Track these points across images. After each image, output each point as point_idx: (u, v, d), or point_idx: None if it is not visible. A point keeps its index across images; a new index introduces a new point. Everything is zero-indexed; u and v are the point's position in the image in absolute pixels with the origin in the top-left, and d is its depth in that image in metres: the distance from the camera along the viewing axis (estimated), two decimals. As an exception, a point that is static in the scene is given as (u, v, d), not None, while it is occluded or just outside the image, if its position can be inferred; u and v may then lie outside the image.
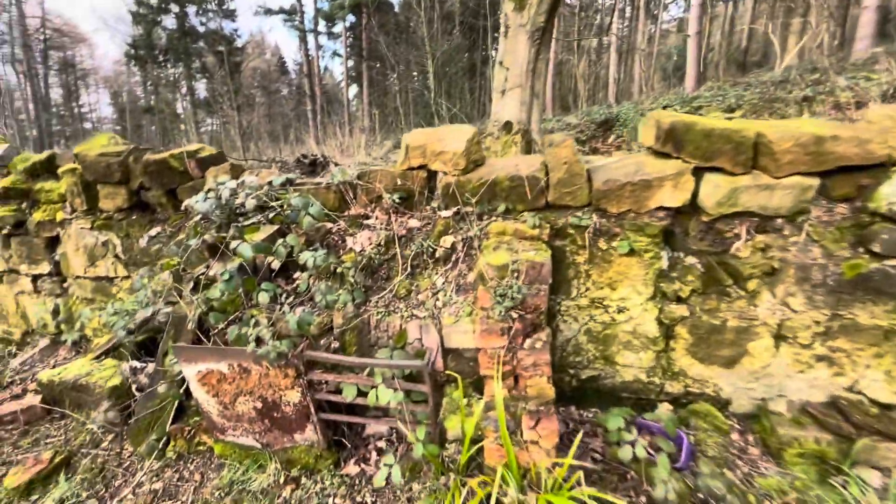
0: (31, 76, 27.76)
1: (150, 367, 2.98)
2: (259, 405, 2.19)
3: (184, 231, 3.00)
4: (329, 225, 2.73)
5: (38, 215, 3.60)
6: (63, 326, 3.70)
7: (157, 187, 3.21)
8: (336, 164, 6.28)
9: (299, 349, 1.99)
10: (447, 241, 2.45)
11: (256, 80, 35.84)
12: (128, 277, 3.46)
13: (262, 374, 2.10)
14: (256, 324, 2.40)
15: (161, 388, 2.43)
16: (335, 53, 28.97)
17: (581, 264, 2.46)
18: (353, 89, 30.15)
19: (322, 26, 27.31)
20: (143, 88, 31.31)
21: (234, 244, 2.29)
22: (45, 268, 3.67)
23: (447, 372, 2.28)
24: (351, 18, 25.89)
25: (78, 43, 32.76)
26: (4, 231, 3.68)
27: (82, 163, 3.29)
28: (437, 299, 2.34)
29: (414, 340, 2.27)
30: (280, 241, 2.44)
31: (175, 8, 27.35)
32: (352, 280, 2.42)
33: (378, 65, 28.33)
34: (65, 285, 3.69)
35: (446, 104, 20.72)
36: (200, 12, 27.44)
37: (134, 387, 2.83)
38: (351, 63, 28.57)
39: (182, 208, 2.83)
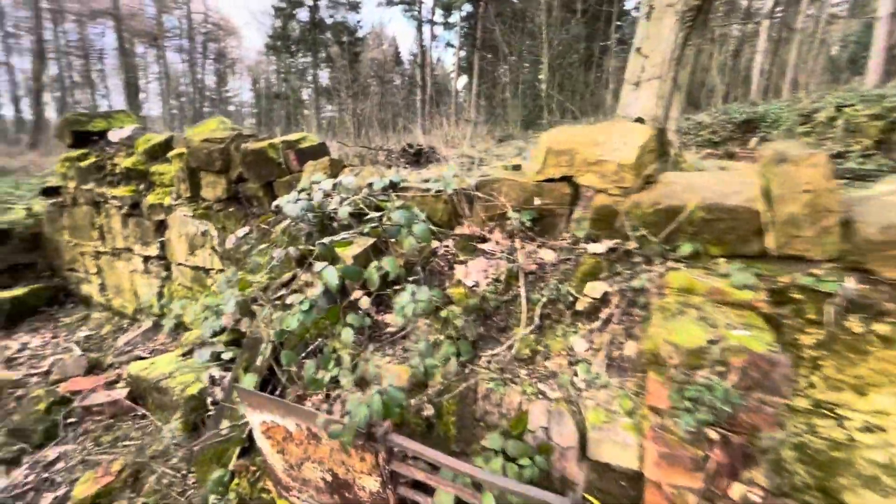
0: (192, 64, 31.61)
1: (228, 378, 2.67)
2: (329, 478, 1.69)
3: (273, 233, 2.62)
4: (434, 244, 2.13)
5: (150, 198, 3.52)
6: (164, 310, 3.63)
7: (255, 179, 2.88)
8: (440, 158, 5.70)
9: (382, 431, 1.43)
10: (596, 288, 1.70)
11: (373, 69, 37.21)
12: (222, 271, 3.23)
13: (333, 448, 1.58)
14: (338, 362, 1.89)
15: (224, 428, 2.04)
16: (448, 44, 28.80)
17: (806, 347, 1.56)
18: (463, 80, 29.80)
19: (439, 16, 27.19)
20: (277, 76, 34.13)
21: (318, 266, 1.78)
22: (153, 250, 3.61)
23: (588, 497, 1.55)
24: (468, 8, 25.38)
25: (230, 35, 36.59)
26: (124, 210, 3.68)
27: (188, 148, 3.08)
28: (576, 373, 1.61)
29: (538, 429, 1.57)
30: (374, 264, 1.88)
31: (309, 1, 29.12)
32: (458, 325, 1.79)
33: (489, 55, 27.58)
34: (169, 270, 3.60)
35: (558, 97, 19.39)
36: (330, 5, 28.92)
37: (209, 400, 2.54)
38: (462, 53, 28.19)
39: (273, 207, 2.44)
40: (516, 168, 2.31)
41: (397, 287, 1.91)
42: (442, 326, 1.84)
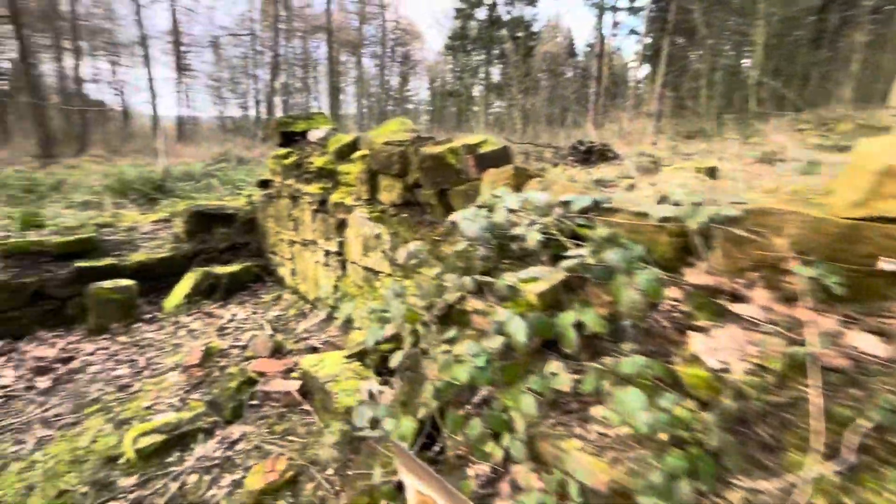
0: (381, 67, 35.27)
1: (387, 395, 2.52)
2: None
3: (445, 248, 2.34)
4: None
5: (335, 196, 3.66)
6: (337, 305, 3.76)
7: (429, 185, 2.66)
8: (614, 156, 4.84)
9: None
10: None
11: (545, 63, 36.20)
12: (390, 276, 3.14)
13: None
14: (509, 427, 1.49)
15: (374, 474, 1.82)
16: (632, 31, 26.14)
17: None
18: (644, 70, 26.80)
19: (624, 1, 24.84)
20: (452, 74, 35.84)
21: (500, 314, 1.38)
22: (333, 246, 3.75)
23: None
24: (660, -12, 22.54)
25: (415, 39, 39.74)
26: (314, 206, 3.92)
27: (369, 150, 3.04)
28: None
29: None
30: (570, 316, 1.40)
31: (488, 0, 29.58)
32: (689, 423, 1.19)
33: (681, 40, 24.15)
34: (344, 267, 3.70)
35: (773, 83, 15.85)
36: (508, 1, 28.92)
37: (367, 415, 2.42)
38: (647, 40, 25.28)
39: (448, 221, 2.16)
40: (710, 171, 1.57)
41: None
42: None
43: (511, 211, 1.81)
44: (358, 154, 3.28)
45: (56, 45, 24.33)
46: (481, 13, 30.03)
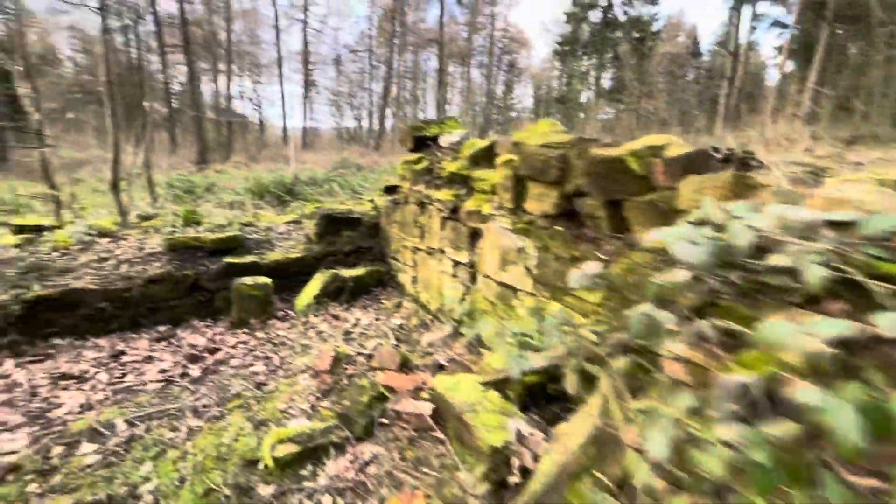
0: (488, 76, 35.42)
1: (540, 439, 2.15)
2: None
3: (624, 269, 1.90)
4: None
5: (468, 204, 3.41)
6: (465, 319, 3.50)
7: (597, 194, 2.24)
8: (758, 165, 3.94)
9: None
10: None
11: (664, 65, 33.35)
12: (532, 295, 2.78)
13: None
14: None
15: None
16: (777, 23, 22.87)
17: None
18: (788, 66, 23.25)
19: (769, -11, 21.89)
20: (559, 81, 34.72)
21: (805, 394, 0.93)
22: (463, 256, 3.51)
23: None
24: (818, -30, 19.38)
25: (522, 47, 39.30)
26: (443, 213, 3.72)
27: (519, 154, 2.72)
28: None
29: None
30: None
31: (603, 1, 28.12)
32: None
33: (843, 28, 20.56)
34: (475, 279, 3.42)
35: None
36: (626, 1, 27.19)
37: (515, 462, 2.07)
38: (793, 32, 21.90)
39: (646, 241, 1.72)
40: None
41: None
42: None
43: (756, 235, 1.33)
44: (501, 159, 2.98)
45: (213, 69, 28.37)
46: (595, 15, 28.64)
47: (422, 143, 4.37)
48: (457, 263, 3.66)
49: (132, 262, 4.34)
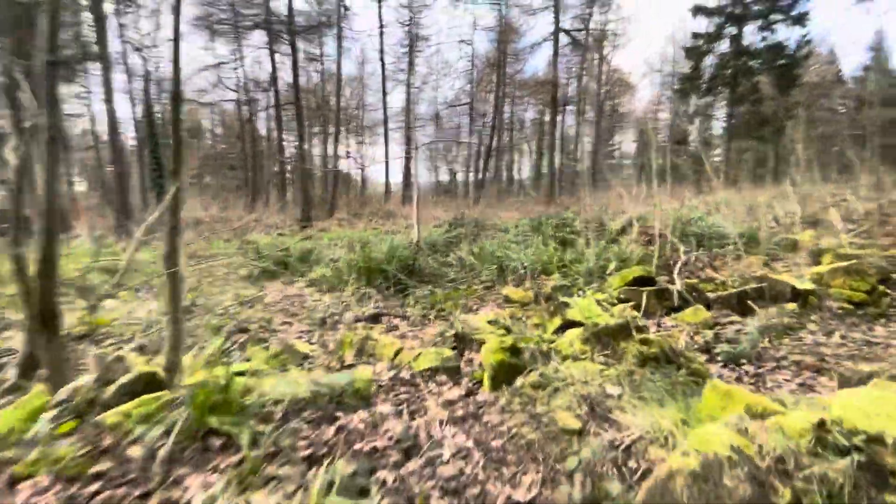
0: (598, 123, 32.11)
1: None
2: None
3: None
4: None
5: None
6: None
7: None
8: None
9: None
10: None
11: (804, 95, 27.64)
12: None
13: None
14: None
15: None
16: None
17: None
18: None
19: None
20: (676, 120, 30.42)
21: None
22: None
23: None
24: None
25: (626, 91, 35.89)
26: None
27: None
28: None
29: None
30: None
31: (731, 30, 24.06)
32: None
33: None
34: None
35: None
36: (764, 26, 22.84)
37: None
38: None
39: None
40: None
41: None
42: None
43: None
44: None
45: (324, 132, 28.97)
46: (722, 46, 24.54)
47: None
48: None
49: None
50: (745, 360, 2.32)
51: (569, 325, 2.66)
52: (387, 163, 27.91)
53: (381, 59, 25.73)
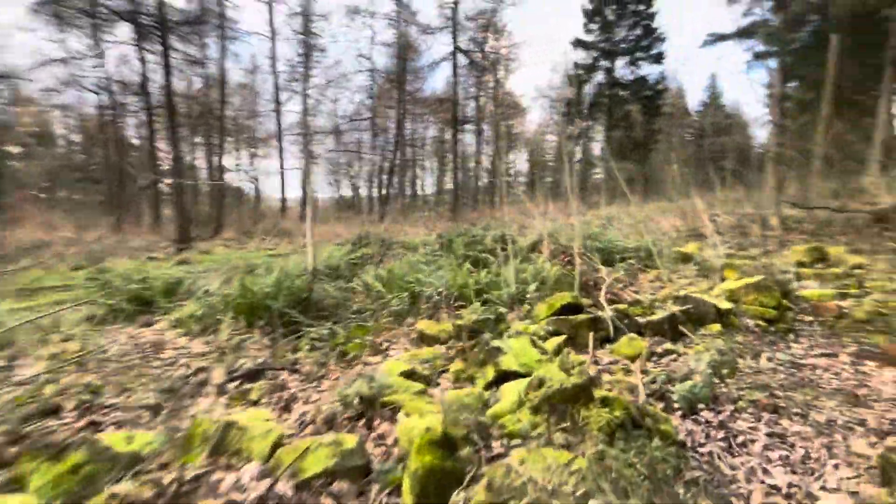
0: (496, 140, 33.38)
1: None
2: None
3: None
4: None
5: None
6: None
7: None
8: None
9: None
10: None
11: (664, 123, 32.16)
12: None
13: None
14: None
15: None
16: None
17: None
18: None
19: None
20: (561, 142, 33.10)
21: None
22: None
23: None
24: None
25: (518, 114, 38.24)
26: None
27: None
28: None
29: None
30: None
31: (605, 63, 27.02)
32: None
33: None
34: None
35: None
36: (632, 62, 26.05)
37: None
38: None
39: None
40: None
41: None
42: None
43: None
44: None
45: (207, 143, 25.84)
46: (598, 77, 27.42)
47: None
48: None
49: None
50: (702, 405, 1.99)
51: (504, 377, 2.12)
52: (282, 176, 25.74)
53: (273, 67, 23.88)
